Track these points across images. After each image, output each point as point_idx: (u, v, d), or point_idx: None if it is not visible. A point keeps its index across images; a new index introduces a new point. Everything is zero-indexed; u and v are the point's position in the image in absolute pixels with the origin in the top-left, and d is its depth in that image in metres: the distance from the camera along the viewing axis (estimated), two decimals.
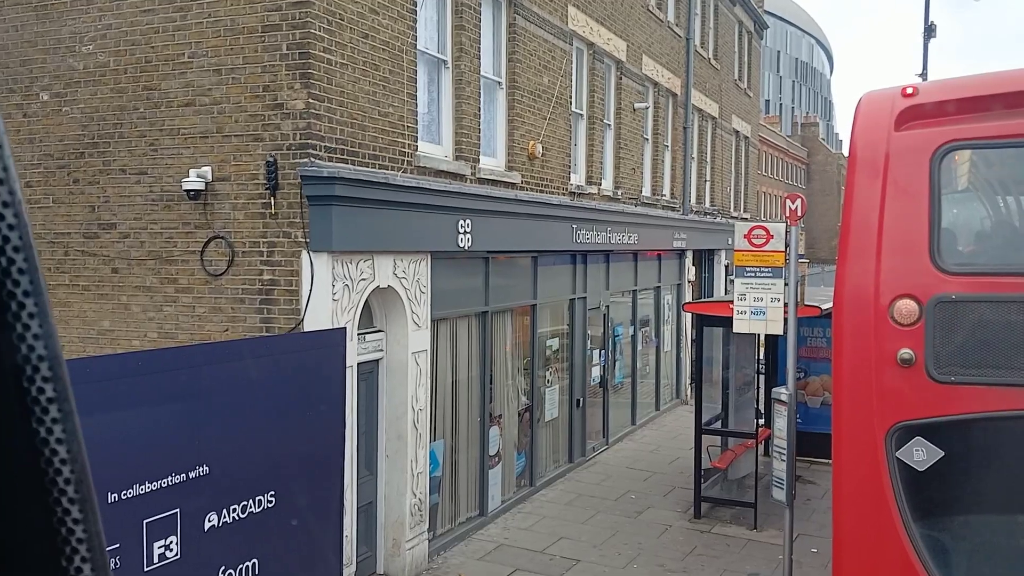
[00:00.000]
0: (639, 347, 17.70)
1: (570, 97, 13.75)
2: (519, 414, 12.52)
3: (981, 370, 4.48)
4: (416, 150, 9.39)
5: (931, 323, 4.53)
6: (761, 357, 13.84)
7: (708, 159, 22.56)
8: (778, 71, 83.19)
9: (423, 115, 9.82)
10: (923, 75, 20.64)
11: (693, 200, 21.02)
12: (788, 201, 8.75)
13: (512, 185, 11.66)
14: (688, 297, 20.27)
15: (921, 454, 4.56)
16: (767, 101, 77.90)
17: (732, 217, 24.41)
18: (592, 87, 14.78)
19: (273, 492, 6.36)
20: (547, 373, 13.42)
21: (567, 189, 13.54)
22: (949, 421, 4.57)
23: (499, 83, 11.69)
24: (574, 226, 13.54)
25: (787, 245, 8.80)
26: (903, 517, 4.57)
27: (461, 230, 10.00)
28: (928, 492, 4.66)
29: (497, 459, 11.65)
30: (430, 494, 9.89)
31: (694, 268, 21.19)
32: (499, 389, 11.80)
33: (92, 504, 0.66)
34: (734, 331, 9.46)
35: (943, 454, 4.53)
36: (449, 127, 10.33)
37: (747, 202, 27.58)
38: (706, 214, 21.86)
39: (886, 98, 4.97)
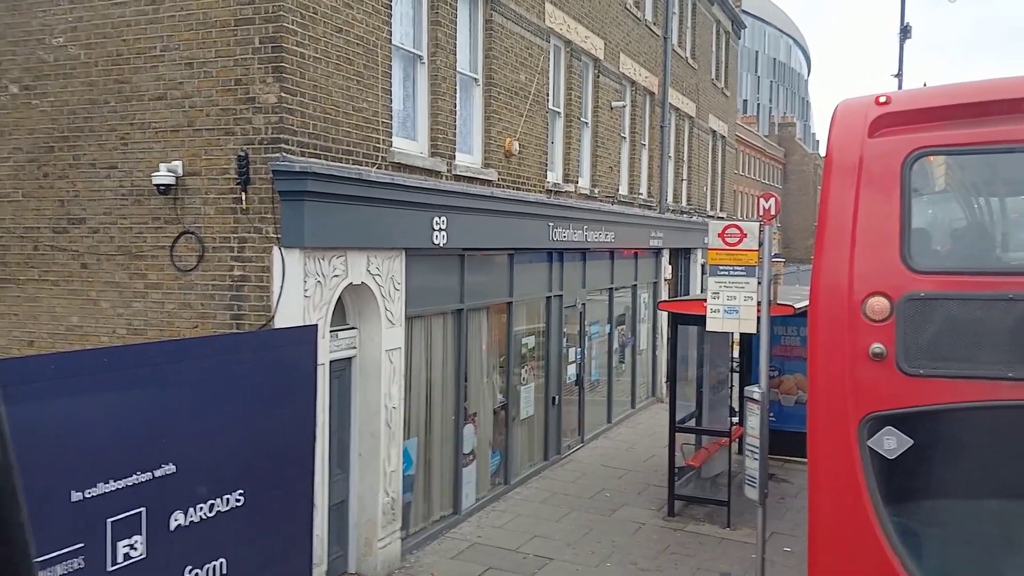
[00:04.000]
0: (615, 345, 17.72)
1: (547, 95, 13.72)
2: (494, 412, 12.49)
3: (948, 363, 4.72)
4: (391, 146, 9.32)
5: (901, 319, 4.76)
6: (736, 355, 13.89)
7: (685, 158, 22.62)
8: (756, 71, 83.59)
9: (398, 111, 9.76)
10: (899, 75, 20.80)
11: (670, 199, 21.07)
12: (762, 200, 8.77)
13: (488, 182, 11.62)
14: (664, 295, 20.32)
15: (892, 443, 4.79)
16: (745, 101, 78.30)
17: (709, 216, 24.49)
18: (569, 85, 14.76)
19: (242, 491, 6.28)
20: (523, 371, 13.40)
21: (544, 187, 13.52)
22: (918, 412, 4.79)
23: (475, 79, 11.64)
24: (551, 224, 13.52)
25: (760, 244, 8.82)
26: (875, 503, 4.80)
27: (436, 227, 9.94)
28: (898, 479, 4.88)
29: (472, 457, 11.60)
30: (403, 492, 9.83)
31: (670, 267, 21.24)
32: (474, 387, 11.76)
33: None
34: (707, 330, 9.46)
35: (912, 443, 4.76)
36: (425, 123, 10.27)
37: (724, 201, 27.69)
38: (683, 213, 21.92)
39: (861, 106, 5.19)
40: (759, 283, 8.87)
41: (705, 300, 9.44)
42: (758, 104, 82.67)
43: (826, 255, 5.07)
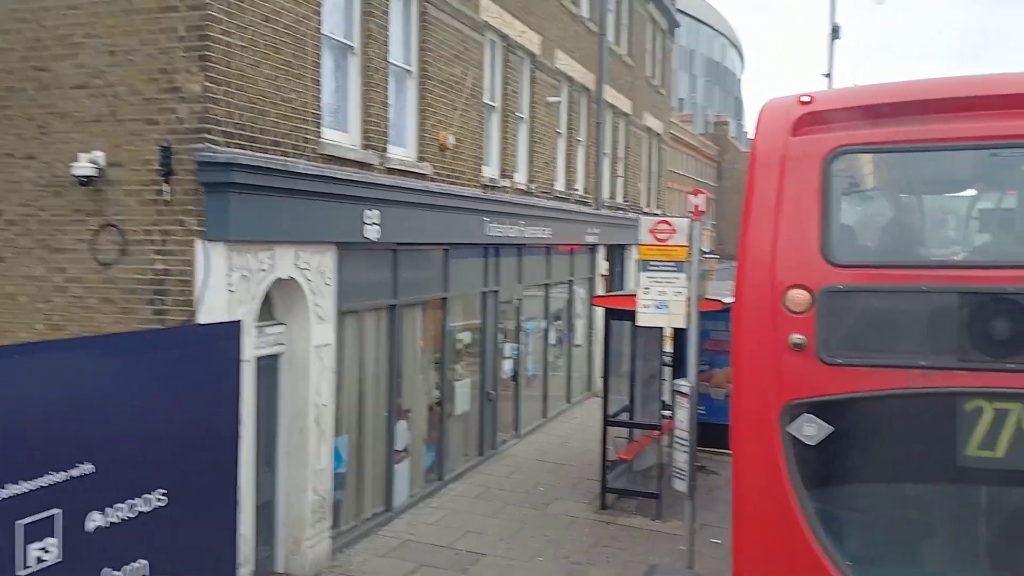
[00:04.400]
0: (551, 341, 17.79)
1: (483, 89, 13.68)
2: (429, 408, 12.42)
3: (865, 353, 4.92)
4: (321, 137, 9.18)
5: (821, 311, 4.93)
6: (669, 350, 14.03)
7: (621, 155, 22.80)
8: (692, 70, 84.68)
9: (329, 102, 9.61)
10: (829, 75, 21.27)
11: (606, 195, 21.22)
12: (691, 196, 8.87)
13: (423, 176, 11.53)
14: (601, 291, 20.45)
15: (812, 430, 4.96)
16: (681, 100, 79.24)
17: (644, 213, 24.73)
18: (506, 79, 14.74)
19: (164, 490, 6.12)
20: (458, 367, 13.34)
21: (480, 181, 13.47)
22: (837, 400, 4.97)
23: (409, 72, 11.54)
24: (487, 219, 13.49)
25: (690, 240, 8.92)
26: (796, 488, 4.98)
27: (368, 221, 9.83)
28: (818, 465, 5.04)
29: (405, 454, 11.52)
30: (334, 490, 9.71)
31: (606, 263, 21.40)
32: (408, 383, 11.66)
33: None
34: (638, 324, 9.54)
35: (832, 429, 4.93)
36: (357, 115, 10.13)
37: (660, 198, 27.99)
38: (619, 209, 22.09)
39: (785, 106, 5.37)
40: (689, 278, 8.97)
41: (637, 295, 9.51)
42: (694, 103, 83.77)
43: (750, 249, 5.23)
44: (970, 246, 5.97)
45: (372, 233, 9.90)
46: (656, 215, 25.38)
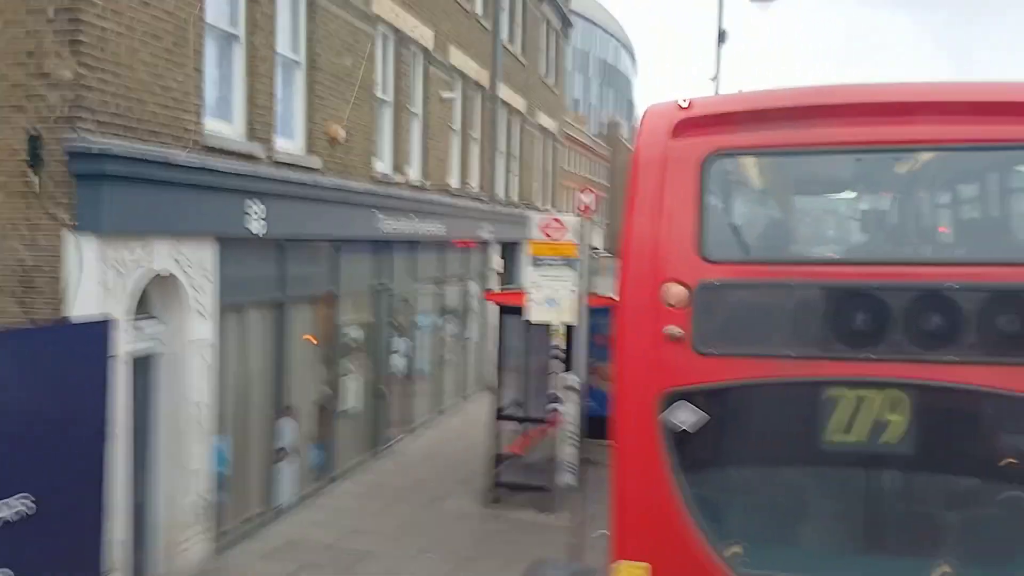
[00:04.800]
0: (445, 336, 17.75)
1: (375, 82, 13.51)
2: (317, 406, 12.20)
3: (738, 344, 5.22)
4: (203, 128, 8.88)
5: (697, 304, 5.19)
6: (561, 345, 14.16)
7: (516, 153, 22.92)
8: (586, 72, 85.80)
9: (212, 91, 9.31)
10: (716, 79, 21.85)
11: (501, 193, 21.30)
12: (581, 195, 8.98)
13: (312, 170, 11.32)
14: (495, 287, 20.51)
15: (688, 417, 5.21)
16: (576, 100, 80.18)
17: (539, 210, 24.93)
18: (398, 74, 14.60)
19: (28, 495, 5.83)
20: (349, 363, 13.16)
21: (372, 176, 13.32)
22: (711, 388, 5.26)
23: (298, 62, 11.29)
24: (379, 214, 13.35)
25: (580, 237, 9.03)
26: (673, 473, 5.24)
27: (253, 214, 9.58)
28: (694, 451, 5.31)
29: (291, 453, 11.29)
30: (216, 491, 9.43)
31: (501, 259, 21.49)
32: (296, 381, 11.43)
33: None
34: (527, 320, 9.61)
35: (707, 417, 5.20)
36: (241, 105, 9.85)
37: (554, 197, 28.27)
38: (513, 207, 22.20)
39: (666, 110, 5.61)
40: (579, 275, 9.09)
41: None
42: (589, 104, 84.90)
43: (632, 246, 5.46)
44: (837, 245, 6.37)
45: (257, 227, 9.66)
46: (550, 212, 25.65)
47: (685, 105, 5.54)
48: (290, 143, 11.07)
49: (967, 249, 6.01)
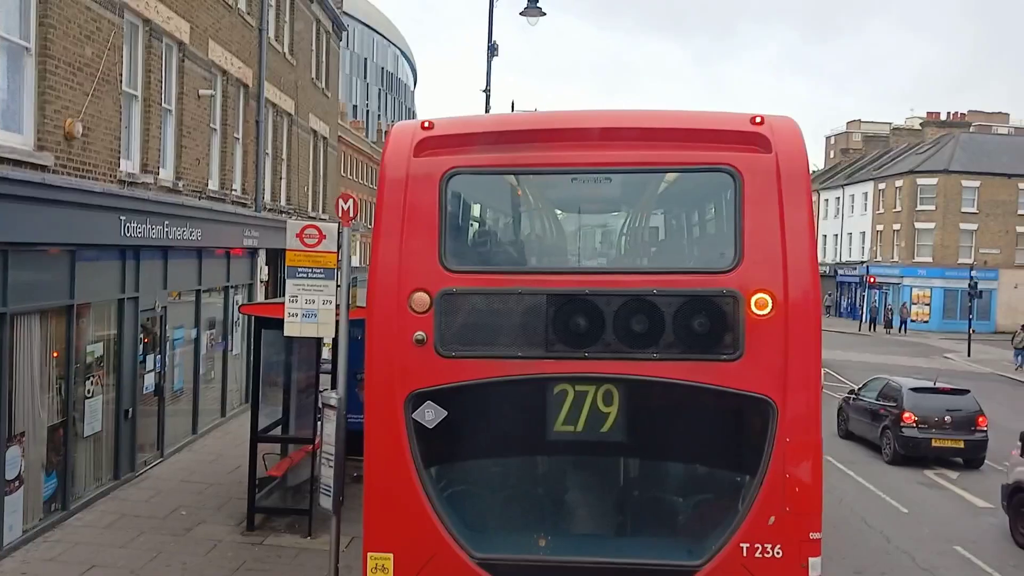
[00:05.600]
0: (203, 351, 16.61)
1: (121, 75, 12.38)
2: (50, 430, 10.95)
3: (474, 347, 5.76)
4: None
5: (438, 311, 5.72)
6: (328, 359, 13.64)
7: (284, 156, 22.05)
8: (365, 77, 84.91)
9: None
10: (487, 90, 22.12)
11: (268, 197, 20.38)
12: (340, 201, 8.60)
13: (43, 168, 10.15)
14: (261, 297, 19.57)
15: (431, 414, 5.76)
16: (355, 107, 79.21)
17: (310, 217, 24.14)
18: (149, 67, 13.50)
19: None
20: (89, 382, 11.93)
21: (116, 176, 12.19)
22: (451, 388, 5.78)
23: (27, 48, 10.09)
24: (124, 218, 12.23)
25: (339, 246, 8.62)
26: (417, 466, 5.74)
27: None
28: (436, 445, 5.84)
29: (17, 483, 10.04)
30: None
31: (267, 268, 20.53)
32: (22, 403, 10.17)
33: None
34: (285, 335, 9.07)
35: (447, 413, 5.76)
36: None
37: (327, 203, 27.50)
38: (281, 212, 21.30)
39: (410, 129, 6.09)
40: (338, 286, 8.67)
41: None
42: (367, 110, 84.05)
43: (380, 257, 5.87)
44: (558, 256, 7.24)
45: None
46: (324, 220, 24.91)
47: (427, 126, 6.02)
48: (16, 137, 9.87)
49: (666, 260, 6.96)
